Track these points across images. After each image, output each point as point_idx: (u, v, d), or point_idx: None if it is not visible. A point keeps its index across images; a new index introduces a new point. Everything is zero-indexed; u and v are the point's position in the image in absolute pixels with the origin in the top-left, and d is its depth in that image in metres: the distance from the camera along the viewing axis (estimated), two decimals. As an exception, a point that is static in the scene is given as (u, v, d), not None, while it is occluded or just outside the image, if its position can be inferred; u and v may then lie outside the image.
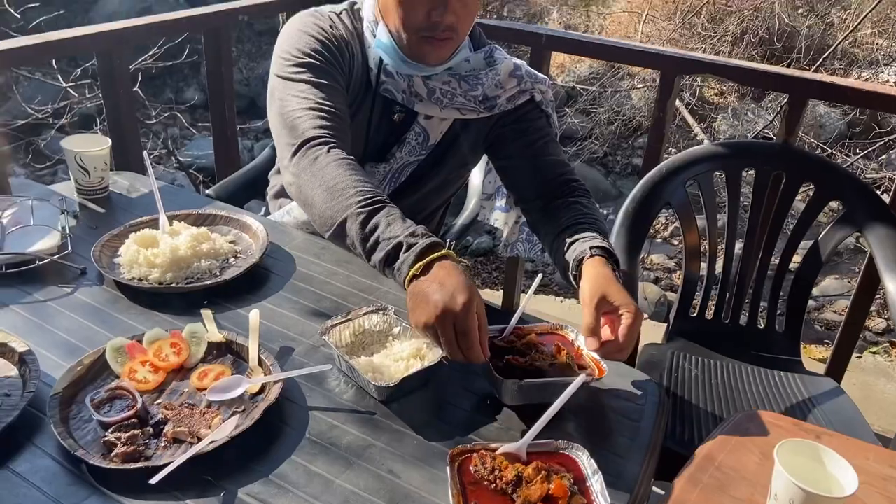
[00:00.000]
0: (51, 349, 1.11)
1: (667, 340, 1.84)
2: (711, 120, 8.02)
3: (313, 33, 1.37)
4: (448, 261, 1.07)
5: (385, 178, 1.51)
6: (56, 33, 1.80)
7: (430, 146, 1.50)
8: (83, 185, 1.55)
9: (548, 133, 1.50)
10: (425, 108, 1.44)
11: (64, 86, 4.03)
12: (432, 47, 1.34)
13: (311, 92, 1.31)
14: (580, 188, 1.43)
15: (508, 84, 1.44)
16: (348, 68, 1.39)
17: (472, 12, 1.35)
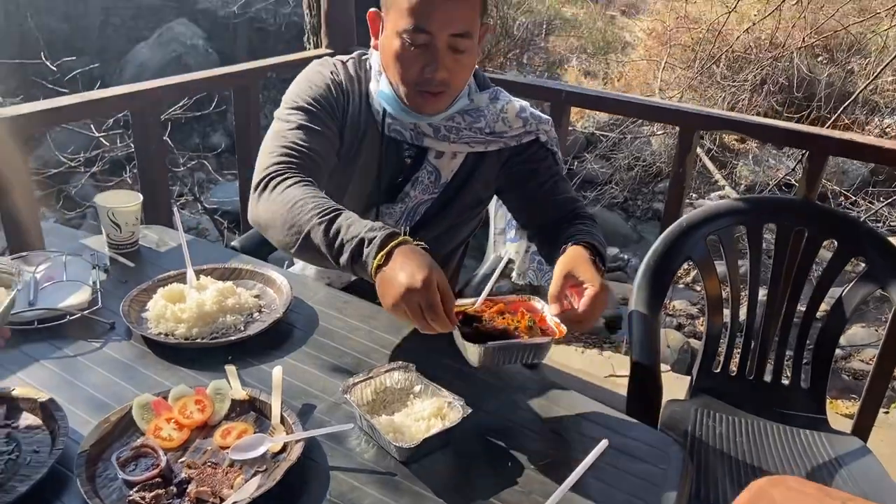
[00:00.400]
0: (79, 405, 1.13)
1: (690, 396, 1.82)
2: (732, 166, 8.02)
3: (315, 80, 1.48)
4: (407, 246, 1.16)
5: (401, 217, 1.55)
6: (93, 93, 1.88)
7: (442, 184, 1.54)
8: (114, 240, 1.59)
9: (556, 172, 1.55)
10: (434, 145, 1.50)
11: (97, 135, 4.15)
12: (426, 100, 1.41)
13: (290, 133, 1.41)
14: (588, 216, 1.50)
15: (515, 124, 1.50)
16: (342, 112, 1.49)
17: (465, 67, 1.40)
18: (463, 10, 1.33)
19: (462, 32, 1.34)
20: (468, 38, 1.35)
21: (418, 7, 1.31)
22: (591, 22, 11.59)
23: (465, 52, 1.36)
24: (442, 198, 1.55)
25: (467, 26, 1.34)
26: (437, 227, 1.59)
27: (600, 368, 2.94)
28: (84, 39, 12.88)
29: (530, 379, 1.28)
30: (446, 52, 1.35)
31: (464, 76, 1.42)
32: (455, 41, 1.34)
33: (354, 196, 1.56)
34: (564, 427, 1.16)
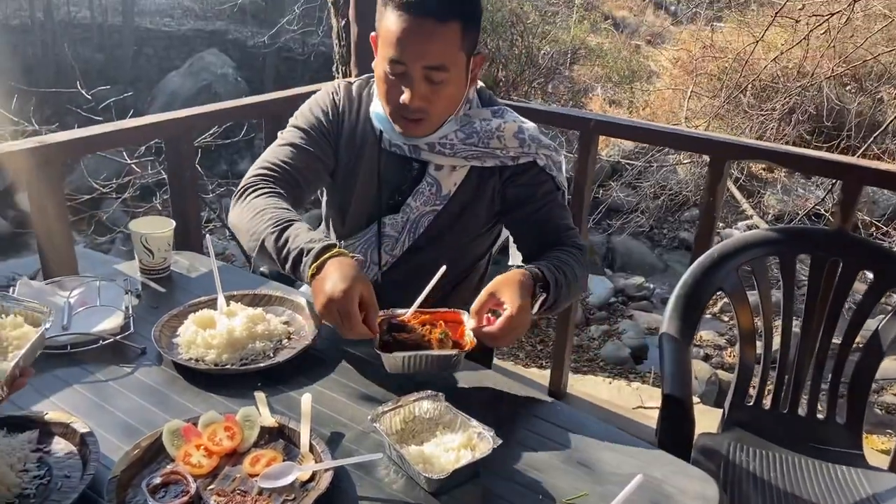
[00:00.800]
0: (110, 430, 1.14)
1: (722, 430, 1.78)
2: (760, 196, 7.95)
3: (316, 101, 1.60)
4: (338, 258, 1.26)
5: (403, 228, 1.57)
6: (128, 121, 1.92)
7: (444, 196, 1.55)
8: (147, 266, 1.61)
9: (553, 198, 1.56)
10: (432, 158, 1.53)
11: (129, 162, 4.23)
12: (405, 126, 1.47)
13: (279, 149, 1.54)
14: (575, 245, 1.52)
15: (511, 143, 1.52)
16: (336, 131, 1.58)
17: (444, 97, 1.43)
18: (436, 45, 1.36)
19: (436, 65, 1.37)
20: (443, 71, 1.38)
21: (393, 39, 1.36)
22: (615, 51, 11.64)
23: (441, 83, 1.40)
24: (447, 211, 1.57)
25: (441, 59, 1.37)
26: (445, 243, 1.59)
27: (628, 399, 2.89)
28: (118, 69, 13.21)
29: (560, 410, 1.26)
30: (421, 82, 1.39)
31: (443, 105, 1.45)
32: (429, 73, 1.38)
33: (359, 208, 1.61)
34: (596, 460, 1.14)
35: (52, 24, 12.97)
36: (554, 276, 1.37)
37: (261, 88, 12.62)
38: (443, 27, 1.35)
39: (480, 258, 1.71)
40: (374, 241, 1.59)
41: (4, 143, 1.74)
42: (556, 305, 1.41)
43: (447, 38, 1.36)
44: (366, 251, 1.60)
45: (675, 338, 1.63)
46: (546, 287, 1.35)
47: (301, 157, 1.54)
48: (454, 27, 1.36)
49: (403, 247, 1.58)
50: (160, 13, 14.83)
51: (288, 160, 1.53)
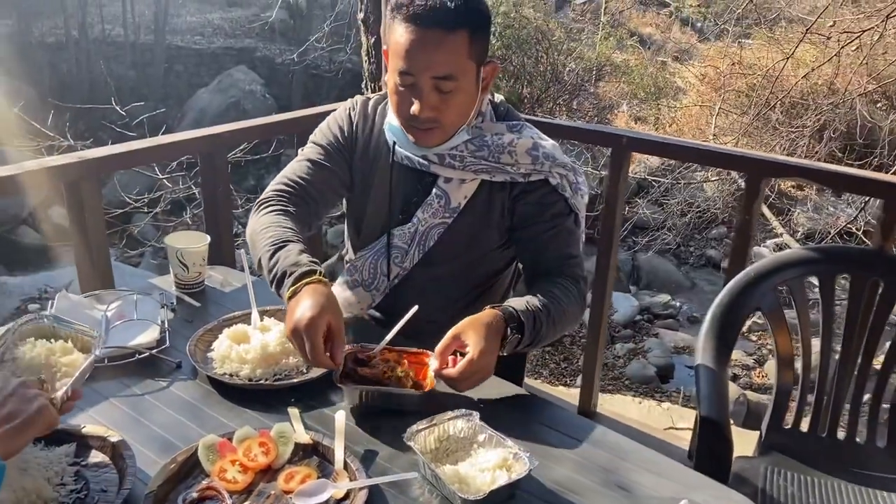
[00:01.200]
0: (145, 444, 1.14)
1: (759, 453, 1.74)
2: (789, 213, 7.85)
3: (335, 118, 1.62)
4: (314, 285, 1.26)
5: (411, 241, 1.55)
6: (165, 137, 1.95)
7: (453, 209, 1.53)
8: (181, 280, 1.62)
9: (561, 223, 1.53)
10: (441, 171, 1.52)
11: (160, 177, 4.29)
12: (417, 136, 1.47)
13: (297, 165, 1.58)
14: (573, 276, 1.50)
15: (522, 159, 1.50)
16: (351, 145, 1.60)
17: (454, 105, 1.43)
18: (443, 55, 1.37)
19: (444, 75, 1.38)
20: (452, 80, 1.38)
21: (402, 51, 1.37)
22: (641, 68, 11.61)
23: (451, 93, 1.40)
24: (457, 225, 1.55)
25: (449, 69, 1.37)
26: (456, 257, 1.57)
27: (659, 420, 2.85)
28: (149, 85, 13.46)
29: (594, 430, 1.24)
30: (431, 92, 1.40)
31: (454, 114, 1.45)
32: (438, 83, 1.38)
33: (372, 220, 1.62)
34: (634, 483, 1.12)
35: (87, 42, 13.27)
36: (533, 315, 1.34)
37: (288, 105, 12.78)
38: (450, 36, 1.36)
39: (498, 273, 1.67)
40: (383, 253, 1.58)
41: (46, 158, 1.77)
42: (536, 344, 1.40)
43: (455, 47, 1.37)
44: (375, 262, 1.60)
45: (710, 358, 1.59)
46: (520, 328, 1.33)
47: (317, 173, 1.57)
48: (462, 36, 1.36)
49: (413, 259, 1.57)
50: (191, 31, 15.13)
51: (304, 176, 1.57)
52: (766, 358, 6.20)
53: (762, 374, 6.02)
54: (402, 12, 1.36)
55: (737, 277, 1.71)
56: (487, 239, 1.58)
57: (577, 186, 1.56)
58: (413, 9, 1.35)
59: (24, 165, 1.69)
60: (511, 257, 1.67)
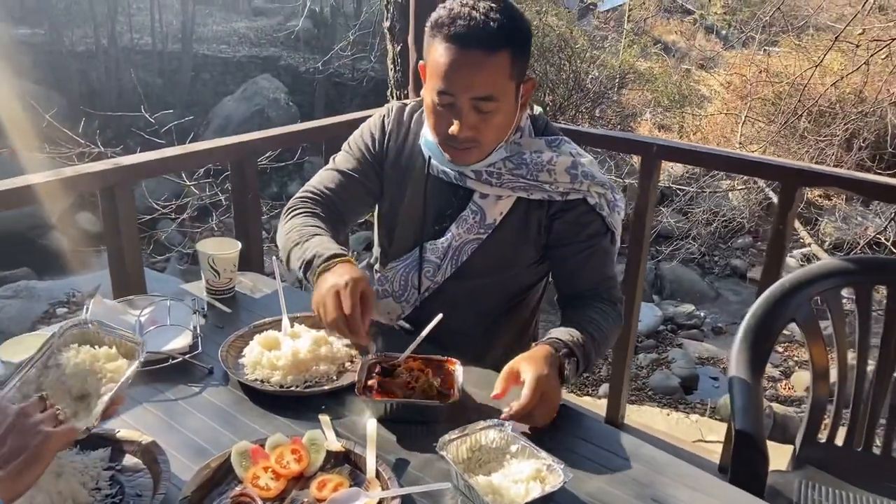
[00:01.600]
0: (178, 449, 1.14)
1: (793, 467, 1.71)
2: (817, 223, 7.74)
3: (368, 126, 1.63)
4: (346, 263, 1.34)
5: (444, 255, 1.53)
6: (198, 144, 1.97)
7: (488, 225, 1.51)
8: (213, 286, 1.63)
9: (598, 242, 1.51)
10: (478, 187, 1.50)
11: (188, 184, 4.34)
12: (454, 154, 1.45)
13: (325, 173, 1.62)
14: (609, 300, 1.49)
15: (561, 178, 1.47)
16: (382, 153, 1.60)
17: (494, 125, 1.41)
18: (484, 76, 1.34)
19: (484, 96, 1.35)
20: (492, 101, 1.36)
21: (442, 71, 1.34)
22: (665, 76, 11.54)
23: (490, 113, 1.38)
24: (492, 241, 1.53)
25: (489, 90, 1.35)
26: (489, 273, 1.56)
27: (687, 432, 2.81)
28: (176, 93, 13.64)
29: (627, 442, 1.22)
30: (470, 112, 1.37)
31: (493, 134, 1.42)
32: (478, 104, 1.36)
33: (404, 231, 1.60)
34: (670, 497, 1.10)
35: (116, 51, 13.49)
36: (582, 345, 1.34)
37: (311, 113, 12.89)
38: (492, 58, 1.33)
39: (530, 287, 1.66)
40: (415, 266, 1.57)
41: (83, 165, 1.80)
42: (584, 373, 1.40)
43: (496, 68, 1.34)
44: (407, 275, 1.58)
45: (745, 370, 1.57)
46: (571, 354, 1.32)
47: (344, 183, 1.59)
48: (503, 57, 1.34)
49: (445, 274, 1.55)
50: (217, 40, 15.32)
51: (331, 185, 1.59)
52: (792, 370, 6.10)
53: (789, 385, 5.92)
54: (442, 32, 1.34)
55: (771, 288, 1.68)
56: (522, 256, 1.55)
57: (615, 204, 1.53)
58: (454, 29, 1.32)
59: (60, 172, 1.71)
60: (544, 272, 1.64)
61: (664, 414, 3.01)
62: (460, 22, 1.32)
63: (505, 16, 1.34)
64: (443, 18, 1.34)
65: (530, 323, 1.73)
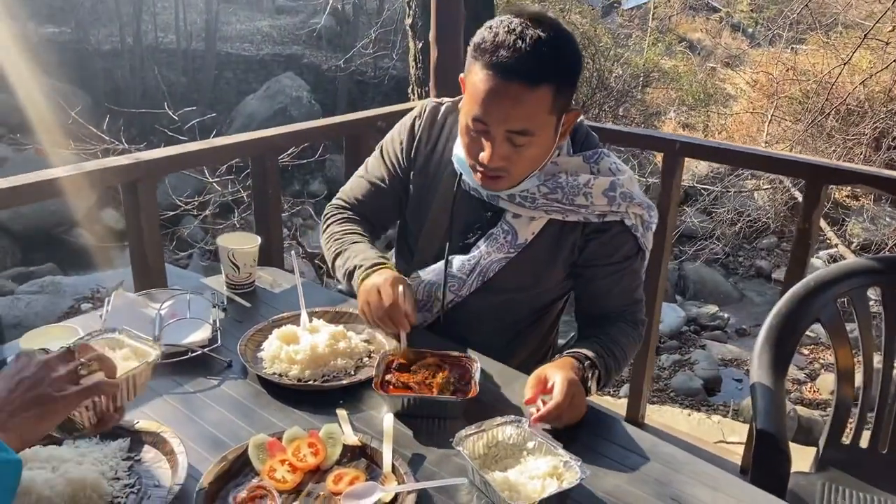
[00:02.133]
0: (196, 441, 1.15)
1: (816, 469, 1.68)
2: (843, 224, 7.62)
3: (399, 131, 1.61)
4: (387, 269, 1.43)
5: (471, 272, 1.50)
6: (219, 139, 1.98)
7: (518, 245, 1.47)
8: (233, 280, 1.64)
9: (630, 264, 1.48)
10: (511, 208, 1.47)
11: (210, 180, 4.37)
12: (484, 181, 1.40)
13: (357, 185, 1.66)
14: (632, 319, 1.49)
15: (598, 201, 1.42)
16: (411, 158, 1.59)
17: (527, 158, 1.35)
18: (522, 110, 1.28)
19: (519, 130, 1.30)
20: (527, 136, 1.31)
21: (479, 98, 1.29)
22: (690, 74, 11.42)
23: (524, 146, 1.32)
24: (520, 260, 1.49)
25: (525, 125, 1.29)
26: (516, 290, 1.53)
27: (708, 433, 2.78)
28: (200, 91, 13.77)
29: (646, 441, 1.21)
30: (503, 142, 1.32)
31: (525, 165, 1.37)
32: (512, 136, 1.31)
33: (428, 242, 1.57)
34: (689, 496, 1.08)
35: (141, 49, 13.65)
36: (604, 360, 1.35)
37: (333, 111, 12.93)
38: (532, 93, 1.26)
39: (556, 301, 1.63)
40: (439, 280, 1.53)
41: (105, 159, 1.82)
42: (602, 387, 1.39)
43: (536, 103, 1.28)
44: (430, 289, 1.54)
45: (767, 370, 1.55)
46: (594, 367, 1.32)
47: (374, 193, 1.63)
48: (545, 92, 1.27)
49: (470, 289, 1.52)
50: (240, 38, 15.43)
51: (361, 196, 1.65)
52: (818, 373, 6.01)
53: (814, 388, 5.84)
54: (484, 57, 1.27)
55: (796, 287, 1.65)
56: (551, 274, 1.52)
57: (650, 224, 1.49)
58: (496, 58, 1.25)
59: (83, 166, 1.73)
60: (570, 287, 1.60)
61: (685, 414, 2.98)
62: (503, 52, 1.25)
63: (552, 47, 1.26)
64: (486, 43, 1.27)
65: (550, 334, 1.72)
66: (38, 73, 10.50)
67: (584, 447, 1.17)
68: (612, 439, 1.21)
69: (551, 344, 1.73)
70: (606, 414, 1.30)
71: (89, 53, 13.39)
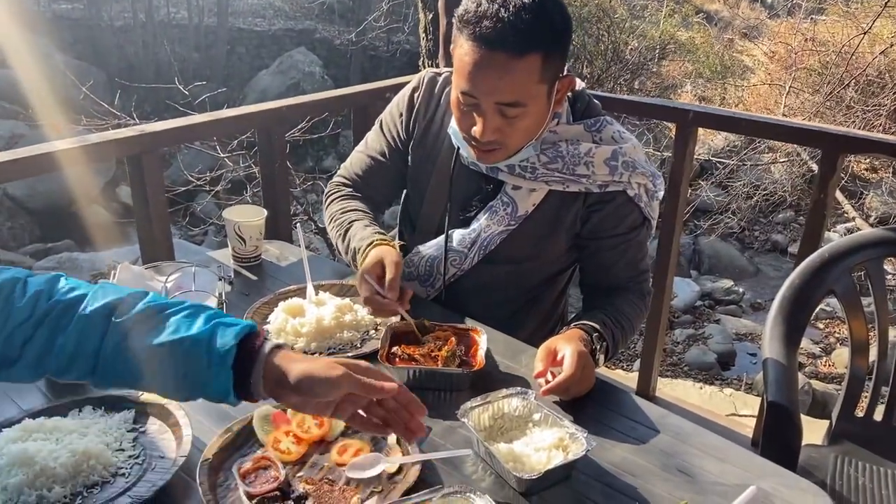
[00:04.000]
0: (201, 412, 1.15)
1: (829, 442, 1.66)
2: (862, 197, 7.51)
3: (397, 103, 1.59)
4: (376, 247, 1.40)
5: (472, 245, 1.49)
6: (224, 112, 1.97)
7: (519, 217, 1.45)
8: (239, 254, 1.64)
9: (634, 236, 1.46)
10: (511, 180, 1.44)
11: (221, 156, 4.37)
12: (478, 154, 1.38)
13: (358, 160, 1.64)
14: (637, 291, 1.48)
15: (600, 170, 1.39)
16: (409, 130, 1.56)
17: (519, 129, 1.33)
18: (510, 81, 1.25)
19: (509, 102, 1.27)
20: (518, 107, 1.28)
21: (465, 71, 1.27)
22: (707, 46, 11.23)
23: (516, 118, 1.30)
24: (521, 232, 1.47)
25: (515, 96, 1.26)
26: (517, 261, 1.51)
27: (720, 405, 2.76)
28: (212, 67, 13.73)
29: (655, 413, 1.20)
30: (494, 115, 1.29)
31: (518, 137, 1.35)
32: (503, 108, 1.28)
33: (428, 216, 1.56)
34: (697, 468, 1.07)
35: (153, 25, 13.59)
36: (612, 332, 1.34)
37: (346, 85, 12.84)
38: (519, 62, 1.23)
39: (559, 274, 1.61)
40: (440, 253, 1.52)
41: (108, 132, 1.81)
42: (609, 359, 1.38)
43: (524, 73, 1.24)
44: (432, 262, 1.53)
45: (779, 342, 1.52)
46: (602, 339, 1.31)
47: (374, 168, 1.61)
48: (533, 60, 1.24)
49: (472, 262, 1.50)
50: (252, 13, 15.33)
51: (361, 171, 1.63)
52: (833, 347, 5.96)
53: (829, 363, 5.80)
54: (468, 28, 1.24)
55: (810, 258, 1.62)
56: (553, 245, 1.50)
57: (655, 193, 1.46)
58: (479, 29, 1.22)
59: (87, 139, 1.72)
60: (574, 259, 1.58)
61: (697, 388, 2.97)
62: (486, 23, 1.21)
63: (537, 14, 1.23)
64: (469, 14, 1.24)
65: (558, 305, 1.70)
66: (51, 50, 10.50)
67: (591, 419, 1.16)
68: (619, 411, 1.20)
69: (560, 315, 1.72)
70: (614, 386, 1.28)
71: (102, 29, 13.36)
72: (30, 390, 1.20)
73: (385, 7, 8.24)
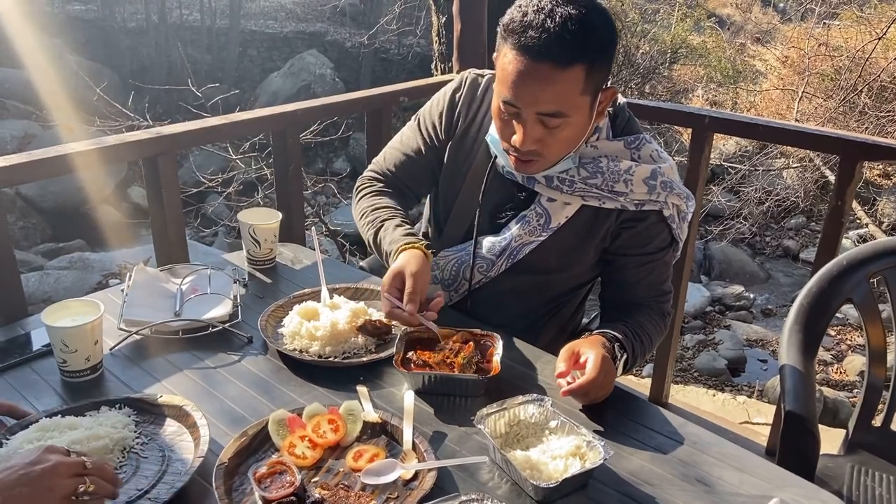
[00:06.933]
0: (217, 416, 1.15)
1: (845, 452, 1.65)
2: (875, 203, 7.45)
3: (438, 101, 1.57)
4: (404, 251, 1.38)
5: (500, 254, 1.47)
6: (240, 114, 1.97)
7: (551, 228, 1.44)
8: (254, 256, 1.64)
9: (663, 255, 1.46)
10: (546, 192, 1.43)
11: (233, 157, 4.38)
12: (516, 164, 1.37)
13: (392, 154, 1.62)
14: (659, 310, 1.47)
15: (638, 188, 1.39)
16: (449, 131, 1.55)
17: (560, 140, 1.31)
18: (552, 92, 1.24)
19: (551, 112, 1.26)
20: (559, 118, 1.27)
21: (508, 80, 1.26)
22: (719, 50, 11.18)
23: (557, 128, 1.28)
24: (552, 244, 1.45)
25: (557, 107, 1.25)
26: (544, 272, 1.50)
27: (733, 413, 2.74)
28: (224, 69, 13.79)
29: (671, 421, 1.19)
30: (535, 125, 1.28)
31: (559, 148, 1.33)
32: (544, 119, 1.27)
33: (457, 220, 1.54)
34: (715, 477, 1.06)
35: (166, 27, 13.67)
36: (631, 343, 1.33)
37: (357, 88, 12.85)
38: (563, 73, 1.22)
39: (583, 285, 1.60)
40: (467, 260, 1.51)
41: (126, 134, 1.82)
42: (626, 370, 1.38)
43: (567, 84, 1.23)
44: (459, 267, 1.53)
45: (797, 350, 1.51)
46: (622, 348, 1.31)
47: (408, 165, 1.59)
48: (577, 72, 1.22)
49: (499, 270, 1.50)
50: (264, 15, 15.39)
51: (394, 168, 1.61)
52: (845, 354, 5.92)
53: (841, 370, 5.75)
54: (512, 38, 1.23)
55: (828, 265, 1.61)
56: (582, 259, 1.49)
57: (686, 214, 1.46)
58: (525, 39, 1.21)
59: (104, 140, 1.73)
60: (598, 272, 1.57)
61: (710, 395, 2.94)
62: (531, 33, 1.21)
63: (583, 26, 1.21)
64: (515, 24, 1.23)
65: (577, 315, 1.69)
66: (64, 51, 10.57)
67: (608, 427, 1.16)
68: (636, 419, 1.19)
69: (577, 324, 1.71)
70: (630, 394, 1.28)
71: (115, 31, 13.44)
72: (46, 392, 1.21)
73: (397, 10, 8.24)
